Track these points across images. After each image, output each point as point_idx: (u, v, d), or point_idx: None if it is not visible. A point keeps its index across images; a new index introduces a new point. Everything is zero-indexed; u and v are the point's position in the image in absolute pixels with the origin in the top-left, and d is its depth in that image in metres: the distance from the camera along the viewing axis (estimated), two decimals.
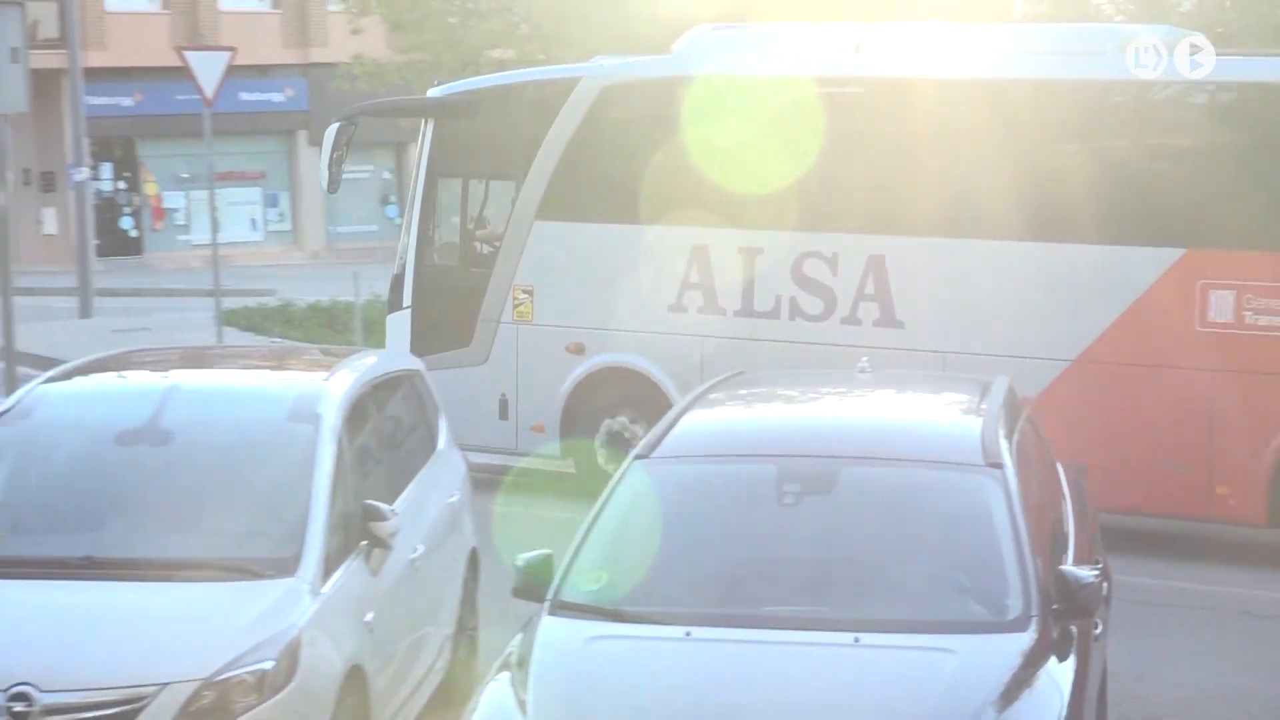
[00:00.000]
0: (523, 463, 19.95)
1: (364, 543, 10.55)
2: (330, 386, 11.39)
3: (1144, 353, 17.28)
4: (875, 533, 9.50)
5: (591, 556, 9.23)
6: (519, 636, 8.90)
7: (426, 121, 21.05)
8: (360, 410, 11.50)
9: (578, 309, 19.98)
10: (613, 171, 19.90)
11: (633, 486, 9.66)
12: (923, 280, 18.30)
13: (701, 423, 10.32)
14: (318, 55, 51.35)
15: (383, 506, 10.76)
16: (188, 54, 29.19)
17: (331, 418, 10.88)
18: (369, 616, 10.33)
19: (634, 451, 9.96)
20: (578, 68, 21.59)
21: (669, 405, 16.82)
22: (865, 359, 11.61)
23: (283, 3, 55.04)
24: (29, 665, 9.17)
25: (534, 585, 9.14)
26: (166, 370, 12.55)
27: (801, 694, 8.16)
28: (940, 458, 9.82)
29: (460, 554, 12.88)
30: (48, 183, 50.68)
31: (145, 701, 9.08)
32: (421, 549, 11.56)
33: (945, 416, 10.95)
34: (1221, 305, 17.00)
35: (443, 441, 13.30)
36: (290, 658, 9.40)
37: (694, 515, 9.74)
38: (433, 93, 21.98)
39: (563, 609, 8.91)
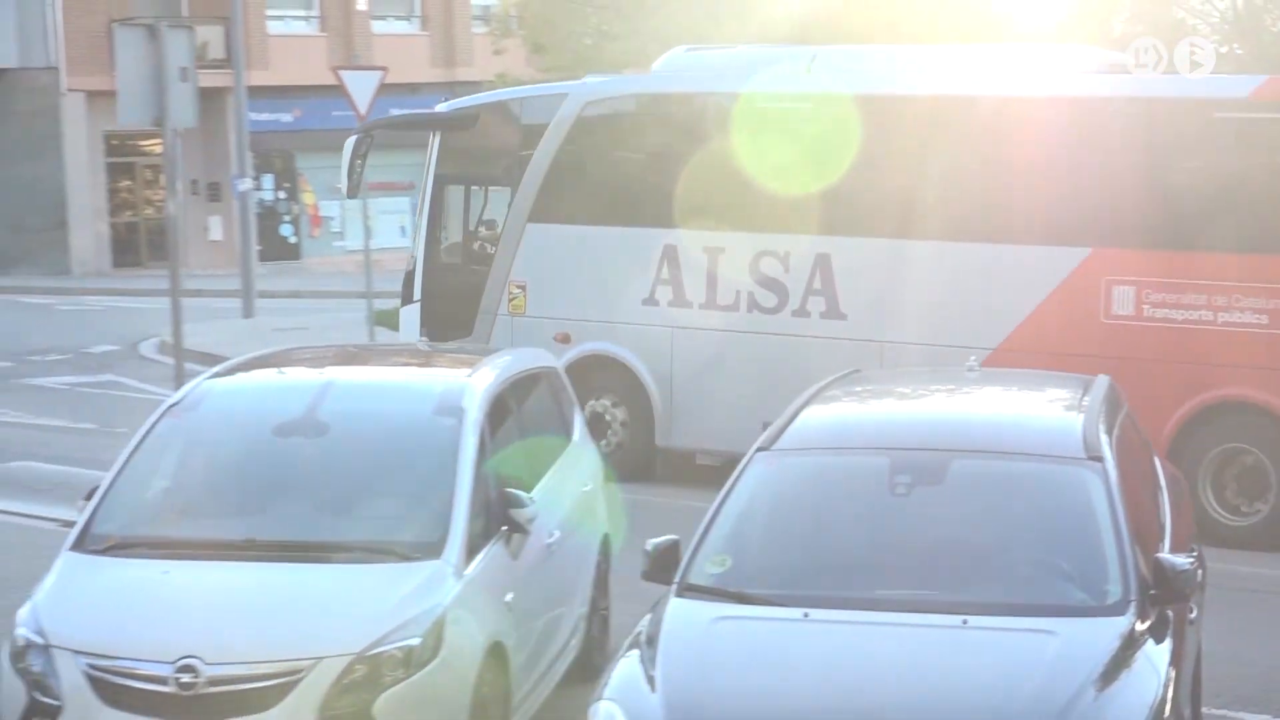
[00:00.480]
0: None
1: (504, 528, 10.61)
2: (473, 382, 11.44)
3: (1056, 342, 17.68)
4: (982, 521, 9.49)
5: (716, 542, 9.24)
6: (648, 616, 8.92)
7: (434, 134, 21.99)
8: (500, 405, 11.55)
9: (564, 303, 20.88)
10: (595, 178, 20.93)
11: (754, 476, 9.67)
12: (863, 276, 19.11)
13: (819, 417, 10.31)
14: (463, 74, 51.61)
15: (521, 494, 10.81)
16: (343, 73, 29.42)
17: (474, 412, 10.94)
18: (509, 597, 10.38)
19: (756, 444, 9.96)
20: (565, 85, 22.82)
21: (643, 389, 20.31)
22: (974, 358, 11.60)
23: (431, 26, 55.34)
24: (195, 639, 9.29)
25: (662, 568, 9.17)
26: (322, 367, 12.66)
27: (913, 672, 8.16)
28: (1044, 451, 9.79)
29: (593, 539, 12.91)
30: (214, 192, 51.19)
31: (302, 674, 9.16)
32: (557, 534, 11.61)
33: (1049, 412, 10.89)
34: (1123, 299, 17.75)
35: (578, 434, 13.35)
36: (436, 634, 9.46)
37: (811, 504, 9.76)
38: (439, 108, 23.14)
39: (689, 591, 8.92)
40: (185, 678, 9.12)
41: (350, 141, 22.22)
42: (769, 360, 18.96)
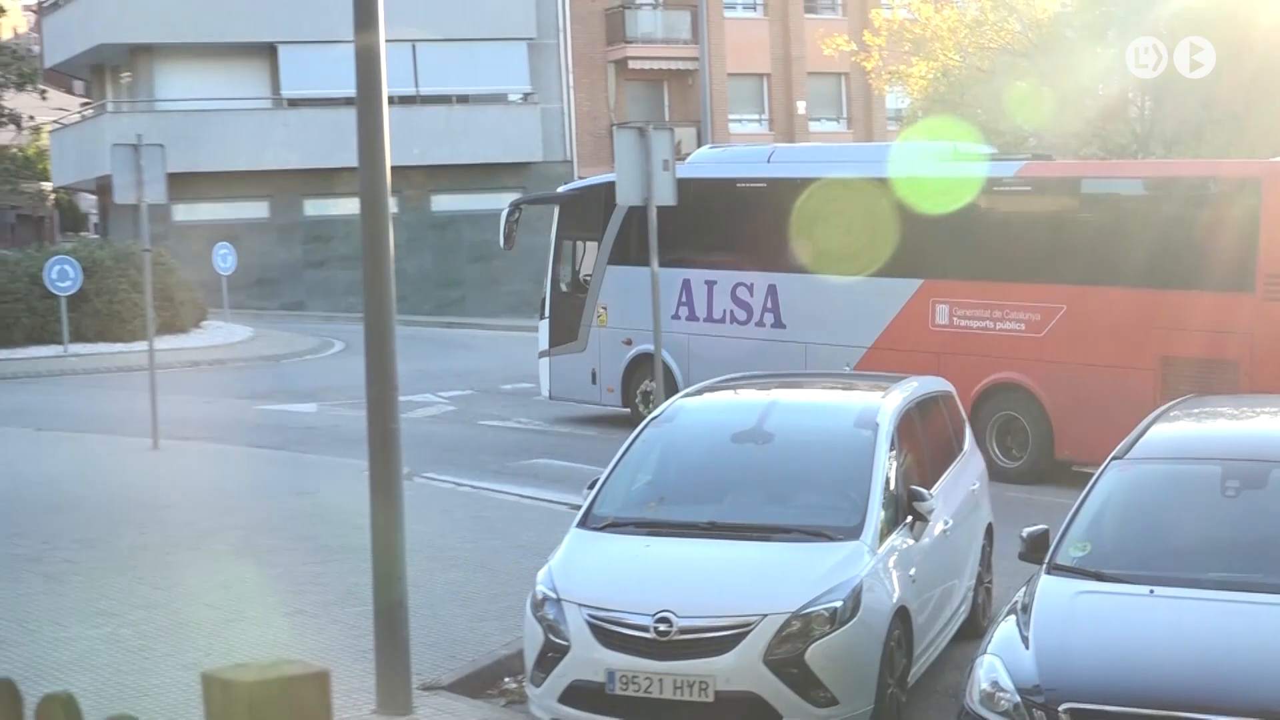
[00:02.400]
0: (606, 410, 24.82)
1: (909, 517, 10.56)
2: (886, 403, 11.43)
3: (904, 342, 20.74)
4: None
5: (1078, 531, 9.10)
6: (1023, 589, 8.80)
7: (555, 207, 26.00)
8: (907, 420, 11.51)
9: (628, 318, 23.65)
10: (645, 235, 22.22)
11: (1110, 480, 9.51)
12: (796, 299, 22.20)
13: (1163, 433, 10.09)
14: None
15: (923, 491, 10.77)
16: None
17: (886, 425, 10.93)
18: (912, 571, 10.31)
19: (1111, 455, 9.78)
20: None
21: (672, 375, 23.04)
22: None
23: (855, 124, 55.46)
24: (670, 597, 9.43)
25: (1034, 551, 9.08)
26: (768, 390, 12.74)
27: (1236, 637, 7.94)
28: None
29: (979, 527, 12.76)
30: None
31: (750, 627, 9.22)
32: (950, 523, 11.50)
33: None
34: (942, 314, 20.67)
35: (967, 445, 13.21)
36: (855, 599, 9.44)
37: (1156, 502, 9.55)
38: (560, 190, 26.77)
39: (1056, 569, 8.79)
40: (662, 627, 9.25)
41: (504, 211, 25.97)
42: (741, 354, 21.23)
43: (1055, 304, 19.49)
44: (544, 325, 25.40)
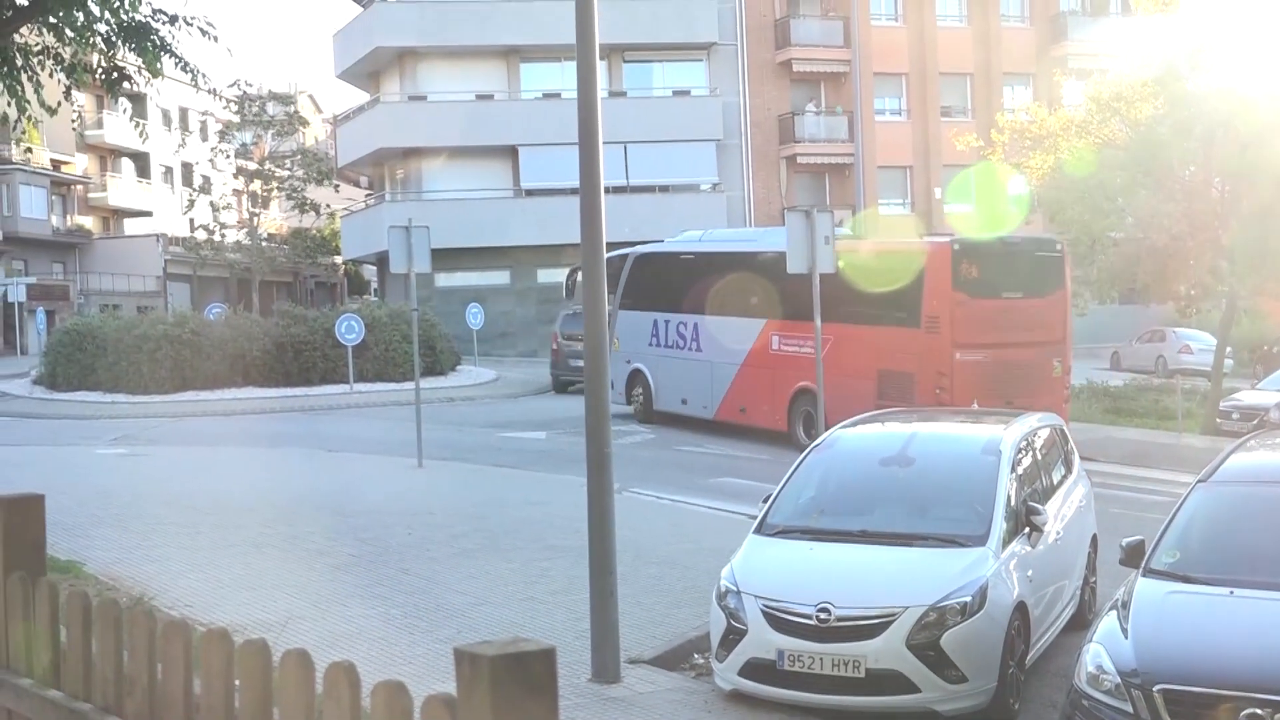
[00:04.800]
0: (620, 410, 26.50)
1: (1027, 529, 10.36)
2: (1007, 434, 11.26)
3: (757, 360, 25.59)
4: None
5: (1169, 541, 8.85)
6: (1122, 589, 8.58)
7: None
8: (1025, 447, 11.35)
9: (629, 344, 29.01)
10: (637, 289, 29.20)
11: (1196, 499, 9.23)
12: (708, 331, 27.09)
13: (1241, 461, 9.79)
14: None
15: (1038, 506, 10.60)
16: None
17: (1008, 452, 10.78)
18: (1029, 572, 10.12)
19: (1197, 479, 9.50)
20: (628, 249, 29.97)
21: (649, 383, 28.82)
22: None
23: (980, 205, 54.56)
24: (829, 591, 9.37)
25: (1133, 558, 8.84)
26: (910, 422, 12.63)
27: None
28: None
29: (1086, 536, 12.48)
30: None
31: (895, 616, 9.13)
32: (1061, 533, 11.27)
33: None
34: (776, 342, 25.20)
35: (1075, 469, 12.93)
36: (981, 595, 9.30)
37: (1234, 518, 9.22)
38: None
39: (1151, 573, 8.54)
40: (823, 615, 9.19)
41: (567, 273, 33.63)
42: (682, 371, 27.71)
43: (828, 336, 22.31)
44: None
